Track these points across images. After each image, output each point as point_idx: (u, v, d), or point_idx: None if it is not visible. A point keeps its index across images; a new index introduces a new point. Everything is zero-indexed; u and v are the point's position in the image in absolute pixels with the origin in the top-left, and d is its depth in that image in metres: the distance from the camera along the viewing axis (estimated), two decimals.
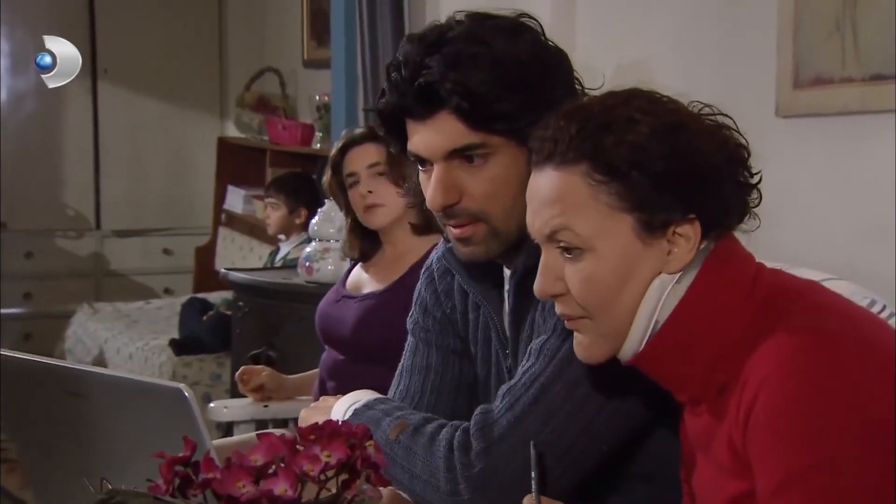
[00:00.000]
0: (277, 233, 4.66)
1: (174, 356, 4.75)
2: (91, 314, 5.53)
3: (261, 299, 3.98)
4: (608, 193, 1.26)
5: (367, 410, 1.55)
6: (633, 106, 1.27)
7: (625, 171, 1.25)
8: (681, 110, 1.30)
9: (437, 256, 1.70)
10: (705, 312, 1.26)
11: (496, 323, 1.59)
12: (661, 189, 1.25)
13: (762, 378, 1.18)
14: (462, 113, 1.45)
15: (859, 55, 2.36)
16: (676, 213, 1.26)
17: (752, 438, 1.18)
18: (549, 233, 1.29)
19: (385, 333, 2.58)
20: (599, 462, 1.45)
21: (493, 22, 1.50)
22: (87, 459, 1.34)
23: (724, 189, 1.27)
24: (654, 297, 1.27)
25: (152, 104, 6.25)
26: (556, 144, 1.28)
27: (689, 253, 1.27)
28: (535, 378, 1.44)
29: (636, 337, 1.28)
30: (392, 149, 1.59)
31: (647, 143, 1.25)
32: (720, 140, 1.29)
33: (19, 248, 6.04)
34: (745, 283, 1.28)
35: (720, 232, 1.29)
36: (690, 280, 1.27)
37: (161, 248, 6.34)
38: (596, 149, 1.26)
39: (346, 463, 1.01)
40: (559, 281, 1.29)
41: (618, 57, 3.07)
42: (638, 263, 1.27)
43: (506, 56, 1.45)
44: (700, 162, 1.26)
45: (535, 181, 1.31)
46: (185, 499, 1.01)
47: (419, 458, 1.46)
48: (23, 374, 1.42)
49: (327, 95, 4.84)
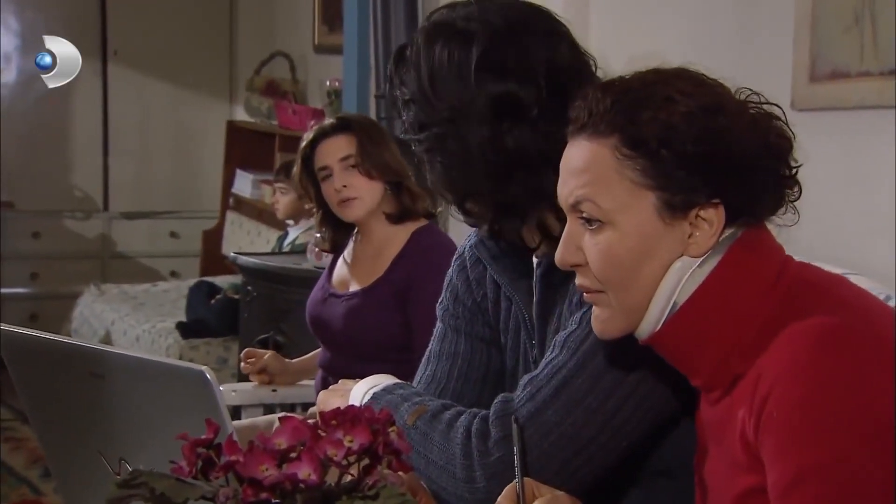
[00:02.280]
0: (286, 217, 4.66)
1: (181, 339, 4.76)
2: (98, 295, 5.54)
3: (269, 284, 3.98)
4: (633, 169, 1.25)
5: (386, 395, 1.55)
6: (674, 86, 1.26)
7: (653, 148, 1.24)
8: (723, 95, 1.28)
9: (469, 245, 1.69)
10: (725, 299, 1.26)
11: (525, 313, 1.59)
12: (688, 170, 1.24)
13: (777, 373, 1.18)
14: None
15: (878, 49, 2.35)
16: (701, 197, 1.25)
17: (765, 434, 1.18)
18: (573, 202, 1.29)
19: (374, 331, 2.59)
20: (620, 456, 1.44)
21: (526, 21, 1.49)
22: (104, 440, 1.34)
23: (755, 178, 1.26)
24: (675, 278, 1.27)
25: (162, 86, 6.24)
26: (591, 115, 1.28)
27: (710, 238, 1.26)
28: (558, 369, 1.44)
29: (653, 317, 1.28)
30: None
31: (679, 123, 1.24)
32: (760, 129, 1.27)
33: (27, 228, 6.05)
34: (769, 274, 1.27)
35: (749, 221, 1.28)
36: (713, 265, 1.27)
37: (168, 230, 6.34)
38: (628, 123, 1.25)
39: (368, 448, 1.01)
40: (579, 251, 1.30)
41: (632, 49, 3.06)
42: (657, 243, 1.26)
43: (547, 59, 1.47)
44: (732, 148, 1.25)
45: (568, 150, 1.32)
46: (207, 481, 1.01)
47: (436, 444, 1.46)
48: (41, 354, 1.42)
49: (338, 81, 4.83)
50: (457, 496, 1.44)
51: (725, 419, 1.27)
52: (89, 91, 6.10)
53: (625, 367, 1.41)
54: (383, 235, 2.66)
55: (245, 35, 6.30)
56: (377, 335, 2.59)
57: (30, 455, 4.47)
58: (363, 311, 2.61)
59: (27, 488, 4.25)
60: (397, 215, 2.64)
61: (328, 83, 5.07)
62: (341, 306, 2.65)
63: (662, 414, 1.45)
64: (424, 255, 2.58)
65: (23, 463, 4.48)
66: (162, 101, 6.26)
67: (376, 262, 2.66)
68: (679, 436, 1.47)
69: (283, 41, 5.79)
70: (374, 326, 2.59)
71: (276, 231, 5.05)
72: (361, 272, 2.68)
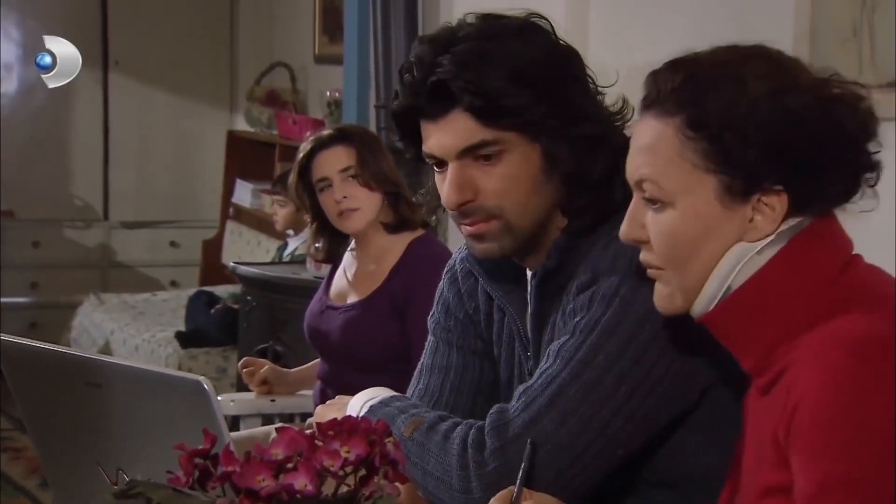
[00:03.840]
0: (286, 228, 4.66)
1: (180, 349, 4.76)
2: (97, 305, 5.54)
3: (269, 294, 3.98)
4: (695, 151, 1.23)
5: (383, 407, 1.55)
6: (747, 66, 1.24)
7: (716, 132, 1.22)
8: (799, 77, 1.24)
9: (460, 258, 1.69)
10: (780, 289, 1.24)
11: (518, 325, 1.59)
12: (752, 156, 1.21)
13: (809, 380, 1.17)
14: (474, 110, 1.45)
15: (875, 62, 2.36)
16: (763, 183, 1.22)
17: (795, 439, 1.17)
18: (637, 179, 1.29)
19: (373, 343, 2.58)
20: (615, 465, 1.44)
21: (504, 21, 1.50)
22: (101, 449, 1.34)
23: (823, 166, 1.23)
24: (731, 262, 1.25)
25: (163, 96, 6.25)
26: (659, 92, 1.26)
27: (771, 224, 1.24)
28: (552, 379, 1.44)
29: (706, 297, 1.27)
30: (406, 155, 1.59)
31: (745, 107, 1.21)
32: (836, 114, 1.23)
33: (27, 237, 6.05)
34: (829, 270, 1.24)
35: (817, 210, 1.25)
36: (772, 253, 1.25)
37: (168, 240, 6.34)
38: (693, 104, 1.23)
39: (364, 459, 1.01)
40: (643, 228, 1.29)
41: (630, 59, 3.07)
42: (717, 226, 1.25)
43: (517, 54, 1.46)
44: (802, 135, 1.21)
45: (637, 125, 1.31)
46: (204, 491, 1.01)
47: (433, 455, 1.46)
48: (39, 363, 1.42)
49: (338, 91, 4.84)
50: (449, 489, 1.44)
51: (766, 410, 1.25)
52: (90, 100, 6.11)
53: (618, 376, 1.41)
54: (380, 246, 2.65)
55: (246, 45, 6.31)
56: (375, 346, 2.59)
57: (28, 465, 4.47)
58: (361, 322, 2.61)
59: (25, 498, 4.25)
60: (395, 225, 2.64)
61: (328, 93, 5.08)
62: (339, 318, 2.65)
63: (658, 422, 1.44)
64: (422, 264, 2.58)
65: (21, 473, 4.48)
66: (162, 110, 6.27)
67: (374, 273, 2.65)
68: (676, 446, 1.47)
69: (284, 51, 5.80)
70: (373, 337, 2.59)
71: (276, 241, 5.05)
72: (358, 283, 2.67)
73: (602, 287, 1.45)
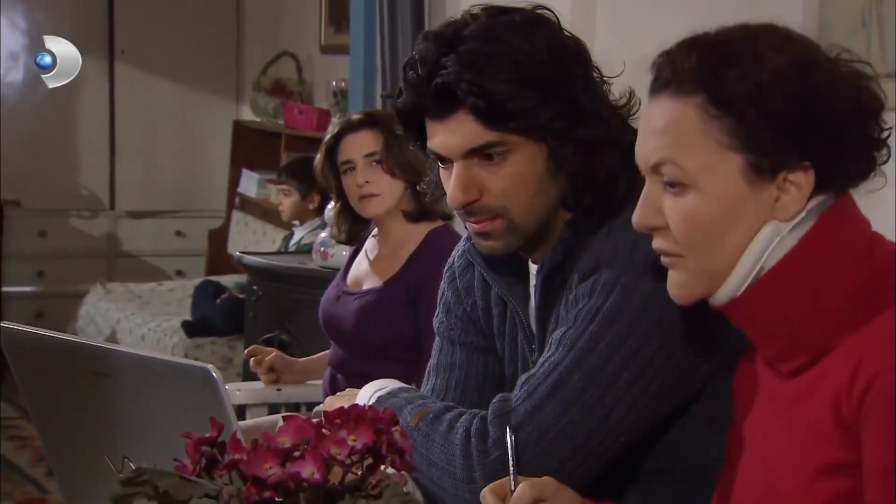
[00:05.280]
0: (291, 219, 4.66)
1: (186, 338, 4.76)
2: (103, 294, 5.55)
3: (275, 283, 3.99)
4: (720, 129, 1.20)
5: (391, 398, 1.55)
6: (762, 41, 1.22)
7: (742, 108, 1.19)
8: (815, 51, 1.23)
9: (458, 254, 1.70)
10: (814, 267, 1.21)
11: (522, 318, 1.58)
12: (778, 131, 1.19)
13: (885, 356, 1.14)
14: (479, 112, 1.45)
15: (884, 52, 2.35)
16: (791, 159, 1.20)
17: (871, 415, 1.15)
18: (654, 163, 1.24)
19: (386, 330, 2.58)
20: (616, 454, 1.44)
21: (509, 17, 1.48)
22: (108, 438, 1.34)
23: (846, 140, 1.21)
24: (764, 242, 1.22)
25: (169, 86, 6.25)
26: (674, 72, 1.23)
27: (799, 202, 1.21)
28: (554, 367, 1.44)
29: (736, 281, 1.23)
30: (412, 146, 1.59)
31: (770, 81, 1.18)
32: (853, 88, 1.21)
33: (33, 226, 6.05)
34: (860, 245, 1.22)
35: (840, 187, 1.23)
36: (804, 231, 1.22)
37: (174, 230, 6.35)
38: (714, 81, 1.20)
39: (371, 447, 1.01)
40: (659, 214, 1.25)
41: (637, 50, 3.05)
42: (742, 206, 1.21)
43: (522, 53, 1.45)
44: (825, 108, 1.19)
45: (649, 108, 1.27)
46: (211, 479, 1.01)
47: (437, 444, 1.46)
48: (45, 352, 1.42)
49: (344, 81, 4.84)
50: (457, 497, 1.45)
51: (807, 391, 1.22)
52: (96, 90, 6.11)
53: (620, 364, 1.41)
54: (400, 234, 2.65)
55: (252, 35, 6.30)
56: (388, 333, 2.59)
57: (35, 453, 4.48)
58: (375, 308, 2.61)
59: (32, 487, 4.26)
60: (415, 214, 2.63)
61: (334, 83, 5.08)
62: (354, 303, 2.65)
63: (660, 410, 1.45)
64: (438, 255, 2.56)
65: (28, 461, 4.49)
66: (168, 100, 6.27)
67: (391, 260, 2.66)
68: (678, 435, 1.47)
69: (290, 41, 5.80)
70: (386, 324, 2.59)
71: (282, 231, 5.05)
72: (376, 270, 2.68)
73: (604, 275, 1.45)
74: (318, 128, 5.16)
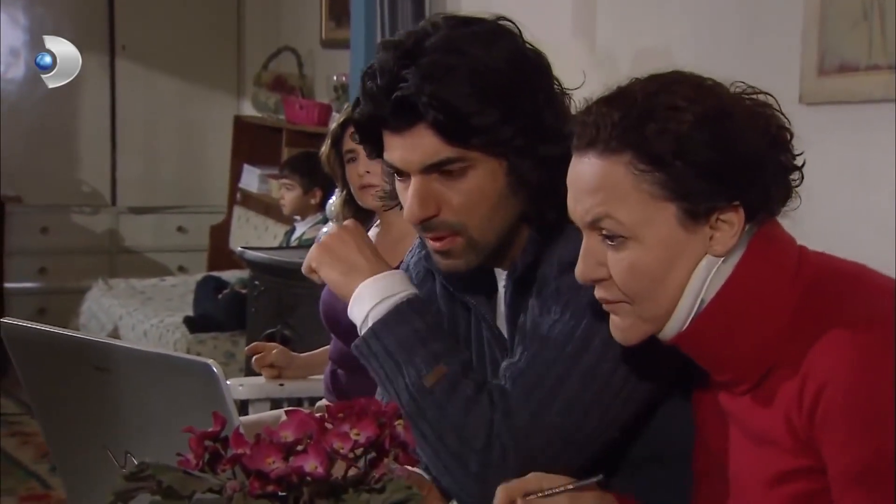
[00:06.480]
0: (293, 213, 4.66)
1: (188, 334, 4.77)
2: (105, 290, 5.55)
3: (277, 278, 3.98)
4: (651, 183, 1.25)
5: (402, 324, 1.50)
6: (677, 93, 1.27)
7: (668, 161, 1.25)
8: (724, 96, 1.29)
9: (413, 262, 1.68)
10: (752, 292, 1.27)
11: (488, 320, 1.57)
12: (705, 178, 1.25)
13: (828, 367, 1.20)
14: (439, 127, 1.42)
15: (886, 43, 2.34)
16: (720, 201, 1.26)
17: (827, 421, 1.20)
18: (591, 220, 1.29)
19: None
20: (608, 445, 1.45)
21: (470, 29, 1.46)
22: (110, 433, 1.34)
23: (767, 174, 1.28)
24: (701, 276, 1.28)
25: (170, 81, 6.25)
26: (599, 131, 1.27)
27: (732, 238, 1.27)
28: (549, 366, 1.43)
29: (681, 317, 1.29)
30: (369, 157, 1.56)
31: (690, 132, 1.24)
32: (763, 124, 1.28)
33: (35, 223, 6.06)
34: (790, 264, 1.28)
35: (764, 216, 1.29)
36: (736, 260, 1.28)
37: (176, 225, 6.35)
38: (639, 138, 1.25)
39: (374, 441, 1.01)
40: (601, 266, 1.30)
41: (638, 43, 3.05)
42: (681, 250, 1.27)
43: (483, 67, 1.42)
44: (743, 149, 1.26)
45: (577, 167, 1.31)
46: (214, 474, 1.01)
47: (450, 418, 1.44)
48: (47, 348, 1.42)
49: (345, 76, 4.83)
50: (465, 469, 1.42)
51: (760, 404, 1.28)
52: (97, 86, 6.11)
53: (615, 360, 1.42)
54: (400, 228, 2.65)
55: (252, 30, 6.30)
56: None
57: (38, 449, 4.48)
58: None
59: (36, 483, 4.26)
60: None
61: (335, 78, 5.08)
62: None
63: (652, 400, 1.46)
64: None
65: (31, 457, 4.49)
66: (169, 96, 6.27)
67: (392, 253, 2.64)
68: (667, 422, 1.48)
69: (291, 36, 5.79)
70: None
71: (284, 226, 5.05)
72: None
73: None
74: (319, 123, 5.15)
